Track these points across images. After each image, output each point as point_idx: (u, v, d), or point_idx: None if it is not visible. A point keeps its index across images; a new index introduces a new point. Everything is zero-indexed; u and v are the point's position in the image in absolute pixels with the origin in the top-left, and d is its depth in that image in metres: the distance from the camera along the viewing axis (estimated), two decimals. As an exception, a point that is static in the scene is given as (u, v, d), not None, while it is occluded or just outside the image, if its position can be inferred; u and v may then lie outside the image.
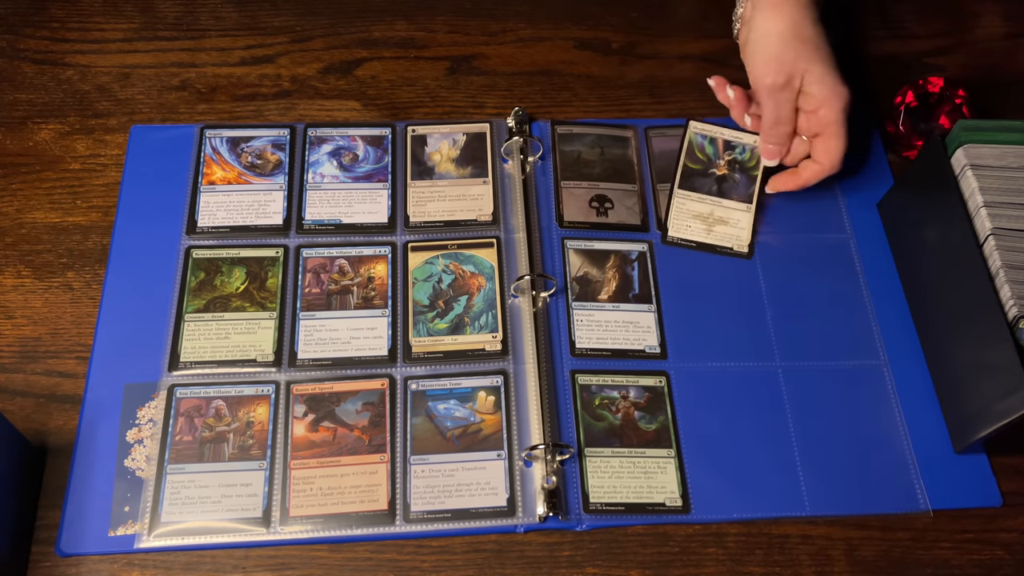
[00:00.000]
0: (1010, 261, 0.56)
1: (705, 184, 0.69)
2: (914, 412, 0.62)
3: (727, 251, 0.67)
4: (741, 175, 0.69)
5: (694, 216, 0.67)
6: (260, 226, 0.67)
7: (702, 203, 0.68)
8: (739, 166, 0.69)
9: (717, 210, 0.68)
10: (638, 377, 0.62)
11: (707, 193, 0.69)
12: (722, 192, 0.69)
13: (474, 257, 0.67)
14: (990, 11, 0.83)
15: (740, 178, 0.69)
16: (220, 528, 0.56)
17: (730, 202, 0.68)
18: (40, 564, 0.55)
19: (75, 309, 0.64)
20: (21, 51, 0.76)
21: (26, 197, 0.68)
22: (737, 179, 0.69)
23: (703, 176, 0.69)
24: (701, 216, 0.67)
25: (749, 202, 0.69)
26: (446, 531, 0.57)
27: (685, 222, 0.67)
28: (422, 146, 0.72)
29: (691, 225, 0.67)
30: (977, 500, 0.60)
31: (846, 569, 0.57)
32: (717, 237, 0.67)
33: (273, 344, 0.62)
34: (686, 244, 0.67)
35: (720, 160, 0.69)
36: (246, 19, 0.79)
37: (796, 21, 0.65)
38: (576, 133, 0.73)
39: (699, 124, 0.71)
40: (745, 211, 0.68)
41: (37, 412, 0.60)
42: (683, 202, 0.68)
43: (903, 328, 0.65)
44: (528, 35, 0.80)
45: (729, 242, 0.67)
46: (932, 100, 0.71)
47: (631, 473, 0.59)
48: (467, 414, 0.60)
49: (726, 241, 0.67)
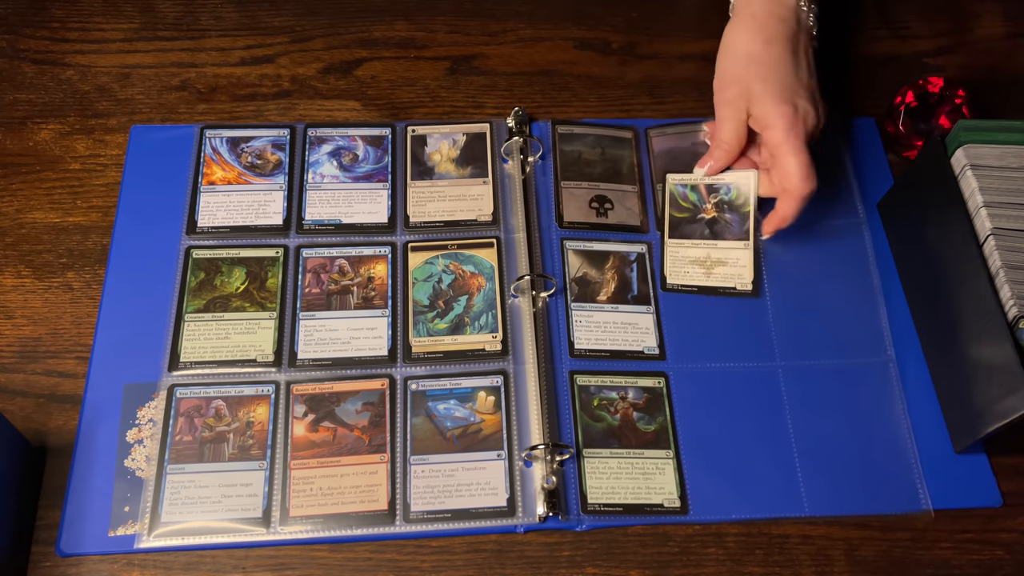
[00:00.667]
0: (1010, 261, 0.56)
1: (696, 230, 0.67)
2: (914, 412, 0.62)
3: (730, 292, 0.65)
4: (732, 214, 0.67)
5: (691, 262, 0.66)
6: (260, 226, 0.67)
7: (696, 248, 0.66)
8: (728, 206, 0.67)
9: (714, 252, 0.66)
10: (637, 378, 0.62)
11: (700, 238, 0.67)
12: (715, 234, 0.67)
13: (474, 257, 0.67)
14: (990, 11, 0.83)
15: (732, 217, 0.67)
16: (220, 528, 0.56)
17: (725, 242, 0.66)
18: (40, 564, 0.55)
19: (75, 309, 0.64)
20: (21, 51, 0.76)
21: (26, 197, 0.68)
22: (728, 219, 0.67)
23: (692, 223, 0.67)
24: (698, 261, 0.65)
25: (746, 239, 0.66)
26: (446, 531, 0.57)
27: (682, 269, 0.66)
28: (422, 146, 0.72)
29: (689, 271, 0.65)
30: (977, 500, 0.60)
31: (846, 569, 0.57)
32: (718, 279, 0.65)
33: (273, 344, 0.62)
34: (687, 290, 0.65)
35: (707, 204, 0.67)
36: (246, 19, 0.79)
37: (754, 39, 0.64)
38: (577, 133, 0.73)
39: (676, 176, 0.68)
40: (743, 248, 0.66)
41: (37, 412, 0.60)
42: (676, 250, 0.66)
43: (903, 328, 0.65)
44: (528, 35, 0.80)
45: (731, 282, 0.65)
46: (932, 100, 0.71)
47: (629, 474, 0.59)
48: (467, 414, 0.61)
49: (728, 282, 0.65)
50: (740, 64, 0.64)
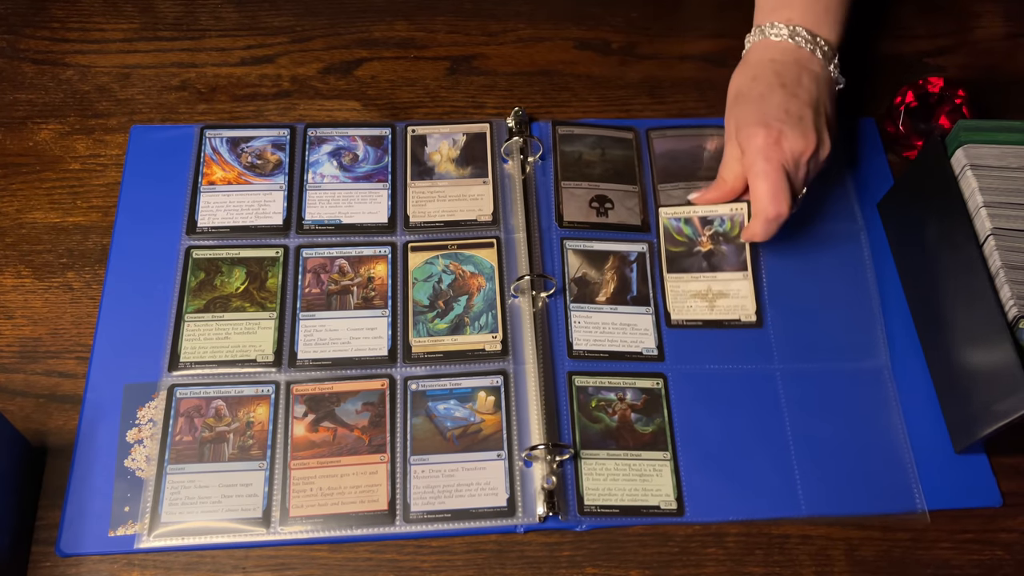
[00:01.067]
0: (1010, 261, 0.56)
1: (694, 263, 0.66)
2: (914, 412, 0.62)
3: (735, 323, 0.65)
4: (728, 245, 0.66)
5: (693, 296, 0.65)
6: (260, 226, 0.67)
7: (696, 281, 0.66)
8: (723, 238, 0.66)
9: (714, 284, 0.65)
10: (635, 379, 0.62)
11: (698, 271, 0.66)
12: (713, 266, 0.66)
13: (474, 257, 0.67)
14: (990, 11, 0.83)
15: (728, 248, 0.66)
16: (220, 528, 0.56)
17: (724, 274, 0.66)
18: (40, 564, 0.55)
19: (75, 309, 0.64)
20: (21, 51, 0.76)
21: (26, 197, 0.68)
22: (725, 250, 0.66)
23: (689, 256, 0.66)
24: (700, 294, 0.65)
25: (744, 269, 0.66)
26: (446, 531, 0.57)
27: (685, 303, 0.65)
28: (422, 146, 0.72)
29: (692, 305, 0.65)
30: (977, 500, 0.60)
31: (846, 569, 0.57)
32: (721, 311, 0.65)
33: (273, 344, 0.62)
34: (692, 325, 0.64)
35: (702, 237, 0.67)
36: (246, 19, 0.79)
37: (743, 77, 0.65)
38: (577, 134, 0.73)
39: (669, 209, 0.68)
40: (743, 279, 0.66)
41: (37, 412, 0.60)
42: (676, 284, 0.66)
43: (903, 328, 0.65)
44: (528, 35, 0.80)
45: (735, 314, 0.65)
46: (932, 100, 0.71)
47: (626, 476, 0.59)
48: (467, 414, 0.61)
49: (732, 314, 0.65)
50: (731, 101, 0.65)
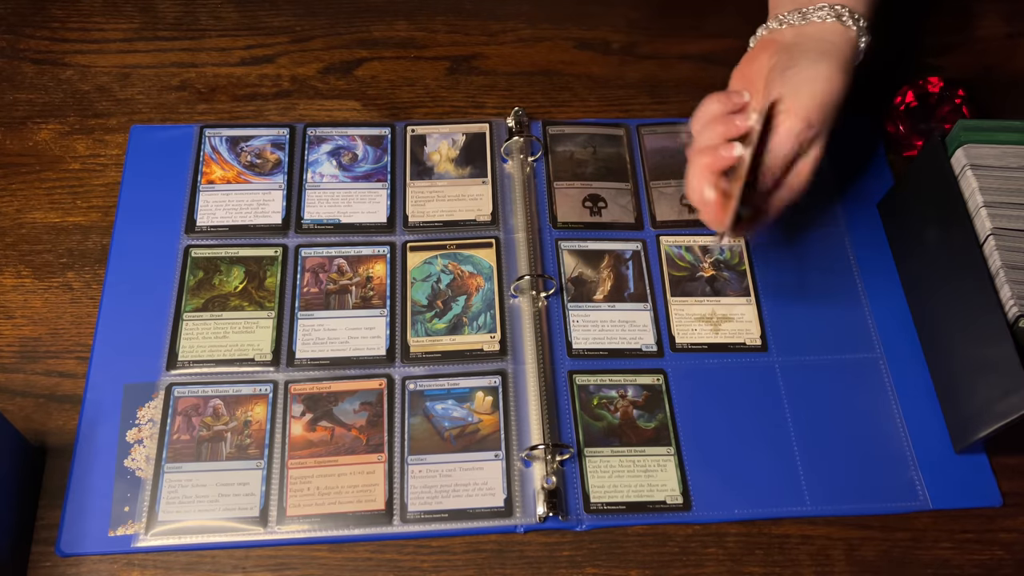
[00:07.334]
0: (1010, 261, 0.56)
1: (697, 287, 0.66)
2: (914, 412, 0.62)
3: (741, 347, 0.64)
4: (730, 272, 0.67)
5: (697, 319, 0.65)
6: (259, 225, 0.67)
7: (700, 305, 0.65)
8: (724, 265, 0.67)
9: (718, 309, 0.65)
10: (636, 376, 0.62)
11: (702, 295, 0.66)
12: (716, 291, 0.66)
13: (473, 257, 0.67)
14: (990, 11, 0.83)
15: (730, 275, 0.67)
16: (217, 527, 0.56)
17: (728, 299, 0.66)
18: (40, 564, 0.55)
19: (75, 309, 0.64)
20: (21, 51, 0.76)
21: (26, 197, 0.69)
22: (727, 276, 0.66)
23: (692, 280, 0.66)
24: (704, 318, 0.65)
25: (748, 294, 0.66)
26: (443, 531, 0.57)
27: (690, 326, 0.65)
28: (421, 146, 0.72)
29: (696, 328, 0.65)
30: (977, 500, 0.59)
31: (846, 569, 0.57)
32: (726, 335, 0.64)
33: (271, 343, 0.62)
34: (697, 348, 0.64)
35: (704, 263, 0.67)
36: (246, 19, 0.79)
37: None
38: (568, 133, 0.73)
39: (669, 237, 0.68)
40: (746, 304, 0.66)
41: (37, 412, 0.60)
42: (681, 308, 0.65)
43: (903, 328, 0.65)
44: (528, 35, 0.80)
45: (740, 338, 0.64)
46: (932, 100, 0.71)
47: (631, 472, 0.59)
48: (465, 414, 0.60)
49: (737, 338, 0.64)
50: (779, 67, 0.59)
